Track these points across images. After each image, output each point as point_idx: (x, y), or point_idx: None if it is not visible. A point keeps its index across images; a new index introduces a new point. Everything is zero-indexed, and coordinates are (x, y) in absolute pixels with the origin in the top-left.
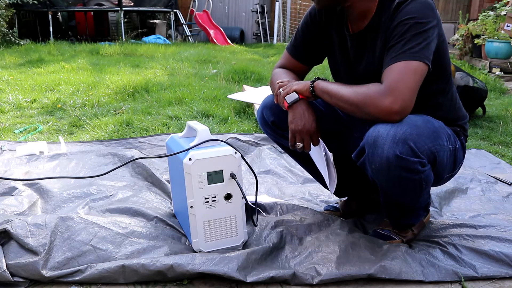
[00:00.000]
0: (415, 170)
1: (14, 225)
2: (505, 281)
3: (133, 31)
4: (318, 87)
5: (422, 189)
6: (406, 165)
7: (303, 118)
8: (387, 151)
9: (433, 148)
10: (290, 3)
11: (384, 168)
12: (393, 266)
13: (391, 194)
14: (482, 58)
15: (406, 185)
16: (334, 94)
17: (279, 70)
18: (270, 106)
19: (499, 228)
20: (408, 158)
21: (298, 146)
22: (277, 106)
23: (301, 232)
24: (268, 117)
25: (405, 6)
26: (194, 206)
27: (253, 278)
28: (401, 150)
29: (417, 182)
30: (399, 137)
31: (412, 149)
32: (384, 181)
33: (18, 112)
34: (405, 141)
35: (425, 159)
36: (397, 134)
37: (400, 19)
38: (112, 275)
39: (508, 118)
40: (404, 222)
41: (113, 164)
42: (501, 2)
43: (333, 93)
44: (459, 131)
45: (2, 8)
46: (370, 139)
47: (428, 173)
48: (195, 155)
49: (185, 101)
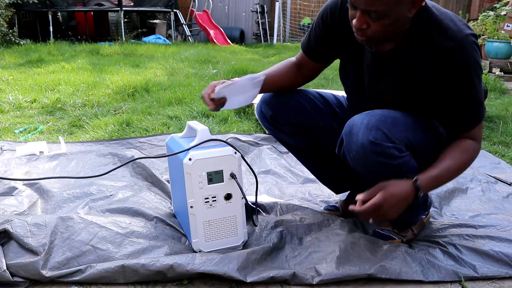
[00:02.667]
0: (392, 156)
1: (14, 225)
2: (505, 281)
3: (133, 31)
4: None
5: (402, 175)
6: (381, 150)
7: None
8: (361, 137)
9: (410, 137)
10: (290, 3)
11: (361, 154)
12: (393, 266)
13: (375, 183)
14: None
15: (385, 172)
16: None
17: (276, 66)
18: (269, 101)
19: (499, 228)
20: (382, 143)
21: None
22: (276, 101)
23: (301, 232)
24: (267, 112)
25: (456, 52)
26: (194, 206)
27: (253, 278)
28: (375, 136)
29: (397, 168)
30: (372, 124)
31: (385, 135)
32: (364, 168)
33: (18, 112)
34: (378, 127)
35: (401, 145)
36: (371, 122)
37: (457, 70)
38: (112, 275)
39: (508, 118)
40: (403, 221)
41: (113, 164)
42: (501, 2)
43: (443, 180)
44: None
45: (2, 8)
46: (346, 128)
47: (407, 159)
48: (195, 155)
49: (185, 101)
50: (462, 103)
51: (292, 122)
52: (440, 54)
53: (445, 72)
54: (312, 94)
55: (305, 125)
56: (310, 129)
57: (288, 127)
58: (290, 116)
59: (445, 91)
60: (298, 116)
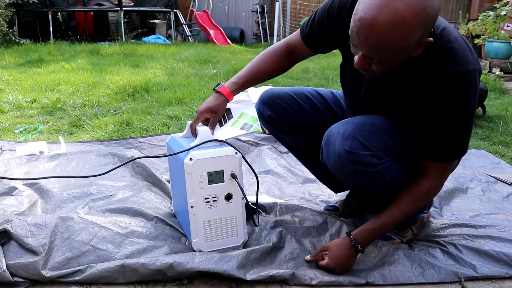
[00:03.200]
0: (370, 163)
1: (14, 225)
2: (505, 281)
3: (133, 31)
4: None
5: (385, 181)
6: (358, 159)
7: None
8: (338, 147)
9: (390, 143)
10: (290, 3)
11: (338, 164)
12: (392, 272)
13: (359, 190)
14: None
15: (367, 178)
16: (387, 228)
17: (263, 58)
18: (267, 101)
19: (499, 228)
20: (359, 152)
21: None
22: (274, 101)
23: (300, 232)
24: (265, 112)
25: (452, 81)
26: (194, 206)
27: (253, 277)
28: (351, 145)
29: (377, 174)
30: (348, 134)
31: (362, 143)
32: (344, 177)
33: (18, 112)
34: (354, 136)
35: (379, 153)
36: (347, 131)
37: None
38: (112, 275)
39: (508, 118)
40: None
41: (113, 164)
42: (501, 2)
43: (386, 229)
44: None
45: (2, 8)
46: (325, 138)
47: (388, 165)
48: (195, 155)
49: (185, 101)
50: (440, 133)
51: (291, 122)
52: (438, 79)
53: (436, 98)
54: (310, 93)
55: (304, 125)
56: (309, 128)
57: (287, 126)
58: (289, 116)
59: (431, 115)
60: (297, 116)
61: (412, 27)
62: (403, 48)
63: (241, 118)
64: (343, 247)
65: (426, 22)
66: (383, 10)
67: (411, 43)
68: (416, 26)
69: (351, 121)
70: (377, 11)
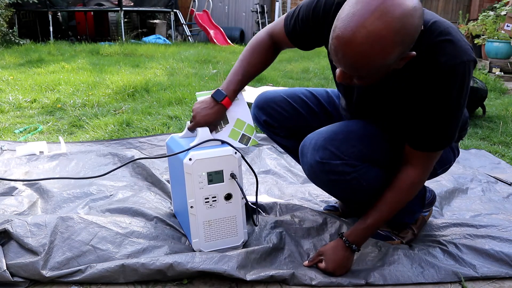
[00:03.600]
0: (343, 172)
1: (14, 225)
2: (505, 281)
3: (133, 31)
4: (359, 241)
5: (363, 186)
6: (330, 169)
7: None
8: (310, 158)
9: (365, 149)
10: (290, 3)
11: (313, 175)
12: (392, 272)
13: (340, 197)
14: (482, 58)
15: (343, 187)
16: (378, 225)
17: (251, 55)
18: (262, 106)
19: (500, 228)
20: (330, 161)
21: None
22: (268, 106)
23: (300, 233)
24: (260, 117)
25: (443, 78)
26: (194, 206)
27: (253, 277)
28: (322, 156)
29: (353, 181)
30: (320, 144)
31: (333, 153)
32: (321, 186)
33: (18, 112)
34: (325, 147)
35: (351, 161)
36: (318, 142)
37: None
38: (112, 275)
39: (508, 118)
40: (397, 221)
41: (113, 164)
42: (501, 2)
43: (378, 225)
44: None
45: (2, 8)
46: (300, 149)
47: (364, 171)
48: (195, 155)
49: (185, 101)
50: (430, 122)
51: (286, 126)
52: (432, 72)
53: (429, 88)
54: (305, 94)
55: (299, 128)
56: (305, 131)
57: (282, 130)
58: (284, 120)
59: (421, 104)
60: (292, 120)
61: (391, 46)
62: (383, 65)
63: (238, 127)
64: (338, 250)
65: (406, 39)
66: (360, 29)
67: (391, 60)
68: (395, 45)
69: (325, 130)
70: (354, 30)
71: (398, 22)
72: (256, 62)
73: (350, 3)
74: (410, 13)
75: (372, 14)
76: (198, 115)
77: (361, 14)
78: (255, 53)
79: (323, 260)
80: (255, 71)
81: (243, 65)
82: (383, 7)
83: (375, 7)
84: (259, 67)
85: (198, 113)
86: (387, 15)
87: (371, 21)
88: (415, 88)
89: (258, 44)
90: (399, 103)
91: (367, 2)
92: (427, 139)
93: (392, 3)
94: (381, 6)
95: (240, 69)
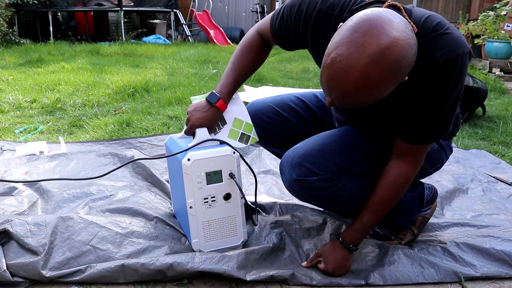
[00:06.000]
0: (321, 187)
1: (14, 225)
2: (505, 281)
3: (133, 31)
4: (356, 241)
5: (344, 198)
6: (308, 185)
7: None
8: (288, 176)
9: (342, 163)
10: None
11: (292, 191)
12: (392, 272)
13: (327, 208)
14: (482, 58)
15: (323, 200)
16: (374, 222)
17: (243, 56)
18: (251, 118)
19: (502, 229)
20: (306, 178)
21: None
22: (258, 118)
23: (300, 233)
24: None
25: (441, 79)
26: (193, 206)
27: (253, 277)
28: (298, 173)
29: (334, 194)
30: (296, 162)
31: (309, 169)
32: (304, 200)
33: (18, 112)
34: (301, 164)
35: (328, 175)
36: (294, 159)
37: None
38: (112, 275)
39: (508, 118)
40: (395, 223)
41: (113, 164)
42: (501, 2)
43: (374, 223)
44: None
45: (2, 8)
46: (279, 166)
47: (343, 183)
48: (193, 155)
49: (185, 101)
50: (425, 114)
51: (277, 136)
52: (427, 68)
53: (423, 83)
54: (293, 101)
55: (291, 137)
56: (297, 138)
57: (276, 140)
58: (274, 131)
59: (415, 99)
60: (282, 130)
61: (386, 88)
62: (377, 100)
63: (236, 126)
64: (336, 251)
65: (402, 75)
66: (355, 74)
67: (385, 95)
68: (391, 85)
69: (301, 146)
70: (348, 76)
71: (395, 65)
72: (248, 62)
73: (346, 31)
74: (406, 49)
75: (368, 58)
76: (192, 117)
77: (355, 58)
78: (245, 53)
79: (321, 261)
80: (247, 71)
81: (235, 67)
82: (379, 51)
83: (371, 52)
84: (251, 67)
85: (193, 115)
86: (384, 61)
87: (367, 68)
88: (410, 84)
89: (248, 44)
90: (394, 99)
91: (362, 45)
92: (423, 132)
93: (388, 45)
94: (376, 51)
95: (232, 71)
